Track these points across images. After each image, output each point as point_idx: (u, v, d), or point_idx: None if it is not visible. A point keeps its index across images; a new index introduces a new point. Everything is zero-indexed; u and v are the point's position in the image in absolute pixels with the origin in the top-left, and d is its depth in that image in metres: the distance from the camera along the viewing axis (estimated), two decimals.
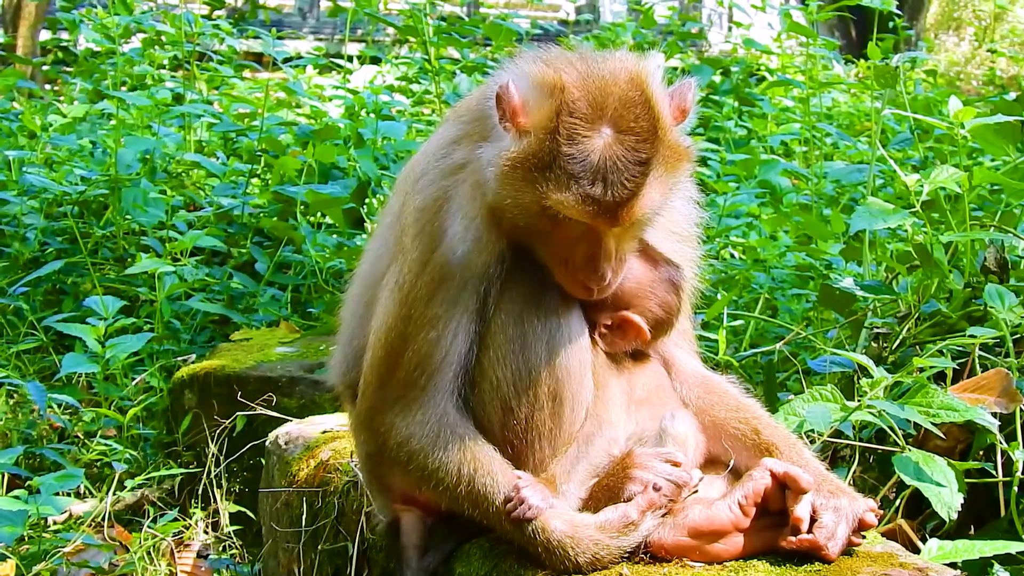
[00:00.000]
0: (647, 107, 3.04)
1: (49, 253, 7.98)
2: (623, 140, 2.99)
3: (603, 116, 3.01)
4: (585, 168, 2.97)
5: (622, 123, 3.01)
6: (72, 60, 14.18)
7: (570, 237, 3.11)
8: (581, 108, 3.01)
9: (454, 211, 3.23)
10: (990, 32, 25.58)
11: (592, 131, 2.99)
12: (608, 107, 3.01)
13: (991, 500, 3.74)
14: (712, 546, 3.07)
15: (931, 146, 7.93)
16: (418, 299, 3.21)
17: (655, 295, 3.38)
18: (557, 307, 3.20)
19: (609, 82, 3.06)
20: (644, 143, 3.01)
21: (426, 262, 3.22)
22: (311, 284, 7.54)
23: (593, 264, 3.11)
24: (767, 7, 12.48)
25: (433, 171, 3.32)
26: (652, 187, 3.03)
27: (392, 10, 13.60)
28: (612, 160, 2.97)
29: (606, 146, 2.98)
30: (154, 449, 6.08)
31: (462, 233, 3.21)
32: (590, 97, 3.02)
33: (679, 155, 3.11)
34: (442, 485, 3.21)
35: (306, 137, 8.62)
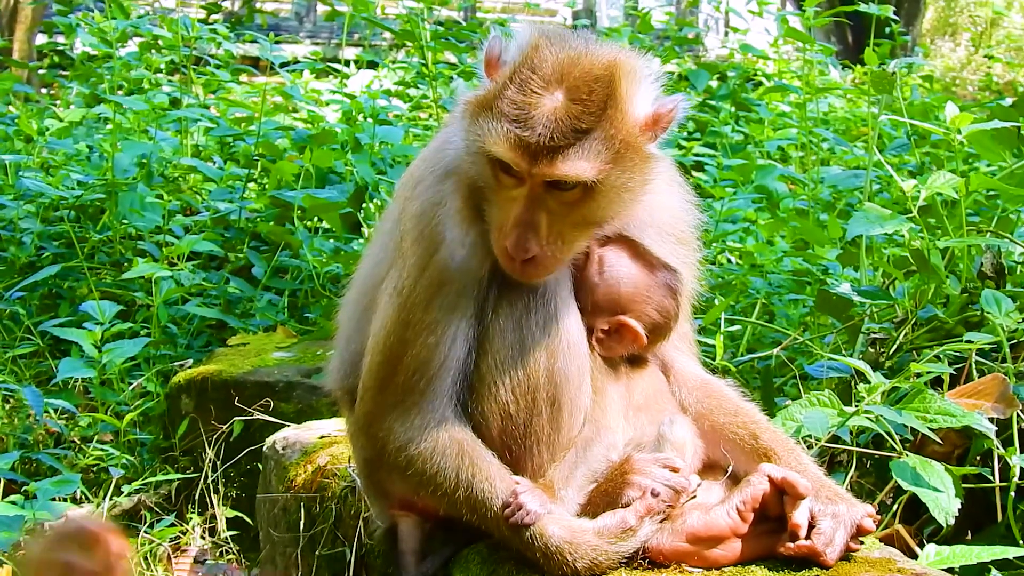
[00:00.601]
0: (608, 88, 3.05)
1: (45, 257, 7.97)
2: (570, 107, 3.01)
3: (562, 81, 3.03)
4: (522, 112, 3.00)
5: (576, 93, 3.02)
6: (68, 64, 14.17)
7: (506, 196, 3.12)
8: (544, 68, 3.04)
9: (451, 215, 3.24)
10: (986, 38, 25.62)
11: (545, 90, 3.02)
12: (571, 77, 3.04)
13: (988, 505, 3.74)
14: (710, 552, 3.08)
15: (928, 151, 7.94)
16: (417, 304, 3.21)
17: (652, 299, 3.37)
18: (556, 312, 3.20)
19: (583, 57, 3.08)
20: (589, 115, 3.02)
21: (424, 267, 3.22)
22: (308, 289, 7.54)
23: (517, 231, 3.09)
24: (764, 12, 12.49)
25: (429, 176, 3.33)
26: (582, 156, 3.01)
27: (389, 15, 13.60)
28: (550, 117, 2.99)
29: (551, 106, 3.01)
30: (151, 454, 6.07)
31: (461, 238, 3.22)
32: (558, 62, 3.05)
33: (634, 152, 3.10)
34: (440, 490, 3.21)
35: (303, 142, 8.62)
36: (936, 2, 28.08)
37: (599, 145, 3.02)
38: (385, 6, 13.55)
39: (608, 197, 3.13)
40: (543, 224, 3.11)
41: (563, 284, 3.26)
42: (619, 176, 3.09)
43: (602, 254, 3.36)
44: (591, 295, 3.33)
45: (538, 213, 3.10)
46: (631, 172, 3.11)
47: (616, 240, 3.39)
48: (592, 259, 3.34)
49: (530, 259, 3.12)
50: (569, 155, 3.00)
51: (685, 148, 10.30)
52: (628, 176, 3.11)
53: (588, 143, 3.01)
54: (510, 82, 3.05)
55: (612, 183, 3.09)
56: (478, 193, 3.21)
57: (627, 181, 3.12)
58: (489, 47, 3.17)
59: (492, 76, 3.14)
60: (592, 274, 3.34)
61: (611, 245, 3.38)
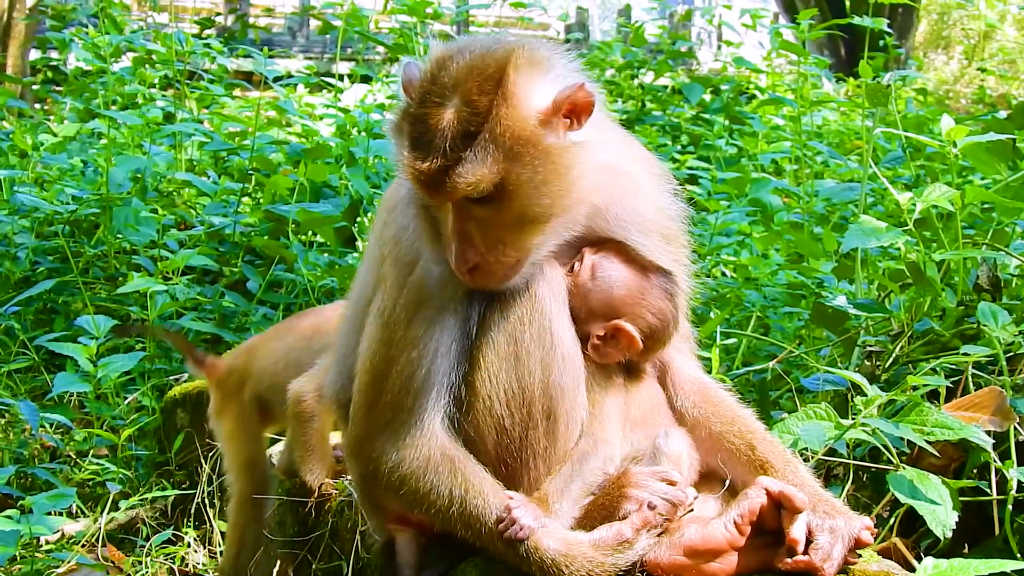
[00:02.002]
0: (497, 87, 3.01)
1: (40, 272, 7.97)
2: (460, 112, 2.99)
3: (457, 88, 3.02)
4: (419, 131, 3.01)
5: (467, 97, 3.00)
6: (62, 79, 14.19)
7: (444, 212, 3.13)
8: (443, 78, 3.04)
9: (421, 237, 3.25)
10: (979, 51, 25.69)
11: (442, 100, 3.02)
12: (466, 81, 3.02)
13: (985, 519, 3.73)
14: (708, 565, 3.07)
15: (922, 164, 7.96)
16: (398, 322, 3.22)
17: (648, 303, 3.36)
18: (550, 324, 3.19)
19: (480, 59, 3.06)
20: (477, 118, 2.99)
21: (402, 286, 3.23)
22: (303, 303, 7.53)
23: (454, 244, 3.10)
24: (757, 26, 12.53)
25: (401, 202, 3.35)
26: (473, 163, 2.98)
27: (383, 28, 13.62)
28: (442, 128, 2.99)
29: (444, 115, 3.00)
30: (147, 468, 6.06)
31: (436, 255, 3.22)
32: (457, 70, 3.04)
33: (532, 145, 3.04)
34: (434, 508, 3.21)
35: (297, 156, 8.63)
36: (929, 15, 28.17)
37: (488, 147, 2.99)
38: (379, 20, 13.58)
39: (525, 194, 3.07)
40: (475, 234, 3.10)
41: (557, 295, 3.24)
42: (523, 172, 3.04)
43: (594, 260, 3.35)
44: (585, 302, 3.32)
45: (466, 224, 3.09)
46: (536, 166, 3.05)
47: (607, 245, 3.38)
48: (584, 266, 3.34)
49: (475, 268, 3.11)
50: (462, 167, 2.98)
51: (679, 161, 10.32)
52: (535, 171, 3.05)
53: (477, 148, 2.98)
54: (411, 99, 3.07)
55: (520, 181, 3.04)
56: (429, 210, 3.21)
57: (536, 175, 3.05)
58: (404, 72, 3.15)
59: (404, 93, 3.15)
60: (584, 281, 3.33)
61: (602, 251, 3.37)
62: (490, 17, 20.86)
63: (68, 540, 5.30)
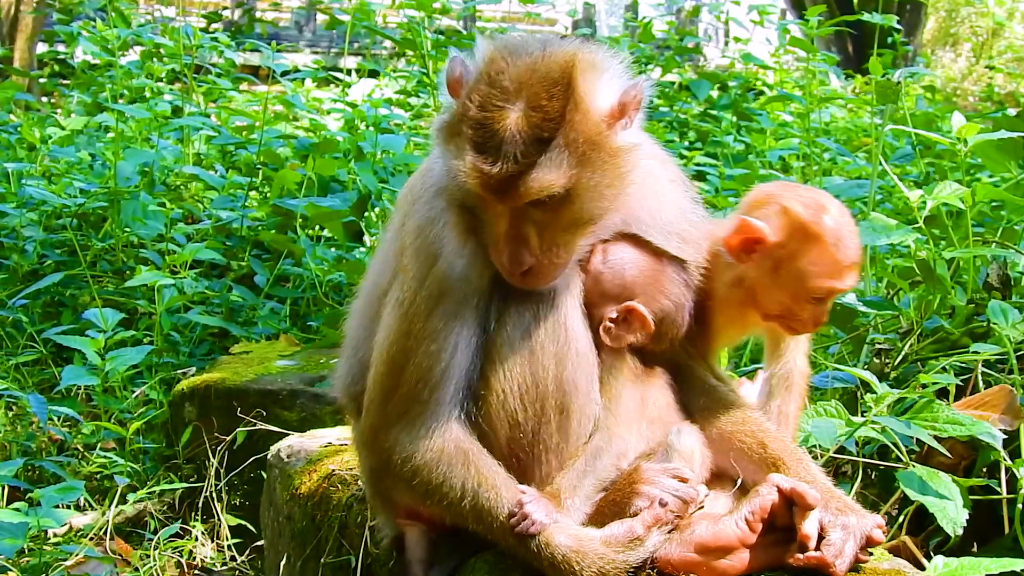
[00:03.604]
0: (565, 89, 3.01)
1: (48, 265, 7.99)
2: (529, 116, 2.97)
3: (520, 91, 3.00)
4: (483, 135, 2.98)
5: (535, 101, 2.98)
6: (69, 73, 14.20)
7: (494, 215, 3.11)
8: (503, 81, 3.01)
9: (450, 227, 3.24)
10: (987, 48, 25.64)
11: (505, 103, 2.99)
12: (528, 84, 3.00)
13: (995, 518, 3.73)
14: (719, 562, 3.07)
15: (931, 162, 7.95)
16: (418, 314, 3.21)
17: (660, 284, 3.34)
18: (565, 320, 3.20)
19: (537, 61, 3.05)
20: (549, 123, 2.98)
21: (424, 278, 3.22)
22: (311, 297, 7.54)
23: (509, 247, 3.09)
24: (765, 22, 12.51)
25: (428, 191, 3.33)
26: (549, 170, 2.98)
27: (390, 23, 13.61)
28: (512, 133, 2.96)
29: (511, 118, 2.97)
30: (154, 462, 6.06)
31: (459, 248, 3.21)
32: (515, 72, 3.02)
33: (602, 149, 3.06)
34: (446, 500, 3.21)
35: (305, 150, 8.64)
36: (937, 12, 28.12)
37: (563, 152, 2.99)
38: (386, 15, 13.58)
39: (589, 197, 3.09)
40: (532, 236, 3.10)
41: (572, 292, 3.25)
42: (592, 176, 3.06)
43: (606, 245, 3.35)
44: (597, 285, 3.31)
45: (524, 227, 3.09)
46: (604, 168, 3.07)
47: (621, 235, 3.38)
48: (596, 250, 3.33)
49: (528, 270, 3.12)
50: (535, 172, 2.98)
51: (687, 158, 10.30)
52: (602, 173, 3.08)
53: (552, 153, 2.98)
54: (470, 102, 3.03)
55: (588, 184, 3.06)
56: (469, 209, 3.20)
57: (603, 178, 3.09)
58: (449, 68, 3.13)
59: (457, 97, 3.11)
60: (596, 264, 3.32)
61: (617, 240, 3.37)
62: (497, 12, 20.87)
63: (76, 533, 5.30)
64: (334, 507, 4.28)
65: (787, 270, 3.32)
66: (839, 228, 3.32)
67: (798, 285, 3.33)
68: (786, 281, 3.34)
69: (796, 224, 3.30)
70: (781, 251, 3.32)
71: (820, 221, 3.30)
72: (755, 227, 3.32)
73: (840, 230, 3.31)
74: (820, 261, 3.30)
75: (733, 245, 3.37)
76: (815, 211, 3.32)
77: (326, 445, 4.68)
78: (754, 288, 3.40)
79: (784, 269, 3.33)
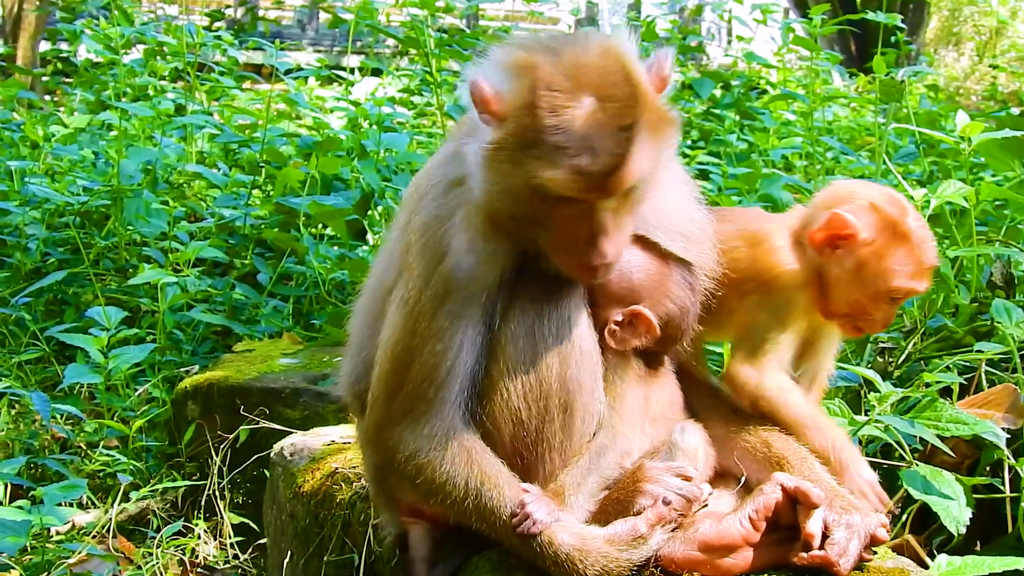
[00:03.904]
0: (625, 74, 2.99)
1: (51, 263, 7.98)
2: (606, 107, 2.93)
3: (582, 86, 2.95)
4: (571, 139, 2.91)
5: (602, 91, 2.95)
6: (72, 71, 14.19)
7: (567, 217, 3.04)
8: (558, 81, 2.95)
9: (457, 226, 3.22)
10: (990, 47, 25.62)
11: (573, 101, 2.93)
12: (585, 77, 2.96)
13: (998, 517, 3.73)
14: (723, 560, 3.07)
15: (935, 160, 7.94)
16: (423, 313, 3.21)
17: (666, 289, 3.34)
18: (569, 319, 3.19)
19: (582, 55, 3.02)
20: (628, 108, 2.95)
21: (429, 277, 3.21)
22: (313, 295, 7.54)
23: (593, 243, 3.05)
24: (768, 21, 12.50)
25: (435, 188, 3.31)
26: (640, 153, 2.97)
27: (393, 22, 13.62)
28: (597, 127, 2.92)
29: (589, 114, 2.92)
30: (157, 460, 6.06)
31: (466, 246, 3.20)
32: (565, 70, 2.97)
33: (664, 121, 3.07)
34: (450, 499, 3.21)
35: (308, 148, 8.63)
36: (940, 11, 28.10)
37: (645, 134, 2.97)
38: (389, 13, 13.57)
39: (650, 175, 3.10)
40: (611, 227, 3.07)
41: (576, 290, 3.24)
42: (660, 148, 3.08)
43: None
44: (603, 287, 3.31)
45: (607, 221, 3.05)
46: (664, 138, 3.09)
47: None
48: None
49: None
50: (631, 161, 2.95)
51: (689, 157, 10.30)
52: (665, 144, 3.11)
53: (639, 138, 2.95)
54: (536, 112, 2.94)
55: (657, 158, 3.08)
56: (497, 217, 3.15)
57: (663, 149, 3.11)
58: (476, 86, 3.01)
59: (498, 112, 3.02)
60: None
61: None
62: (500, 11, 20.88)
63: (78, 531, 5.30)
64: (337, 505, 4.28)
65: (871, 268, 3.32)
66: (923, 229, 3.35)
67: (879, 284, 3.33)
68: (867, 279, 3.33)
69: (887, 222, 3.30)
70: (867, 248, 3.32)
71: (907, 221, 3.32)
72: (848, 222, 3.31)
73: (923, 231, 3.35)
74: (905, 261, 3.31)
75: (818, 240, 3.36)
76: (901, 211, 3.33)
77: (329, 443, 4.68)
78: (830, 284, 3.39)
79: (868, 267, 3.33)
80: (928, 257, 3.33)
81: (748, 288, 3.46)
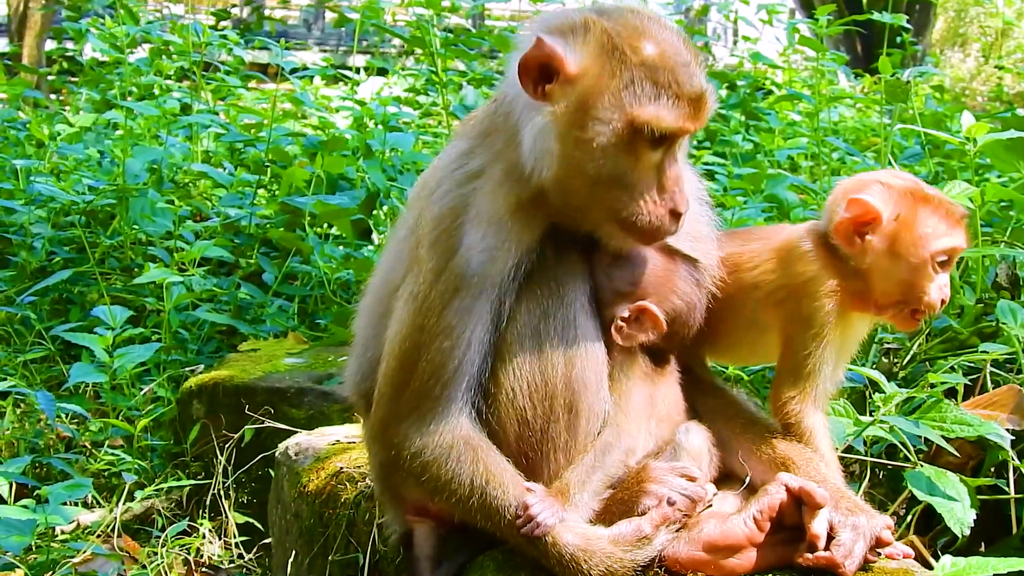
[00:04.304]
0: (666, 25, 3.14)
1: (56, 262, 7.99)
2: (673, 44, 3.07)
3: (643, 32, 3.07)
4: (661, 72, 3.03)
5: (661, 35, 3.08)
6: (77, 70, 14.22)
7: (649, 166, 3.10)
8: (623, 30, 3.06)
9: (471, 220, 3.22)
10: (996, 48, 25.58)
11: (646, 41, 3.05)
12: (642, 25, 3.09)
13: (1002, 518, 3.73)
14: (727, 561, 3.07)
15: (940, 161, 7.93)
16: (432, 309, 3.20)
17: (673, 285, 3.34)
18: (575, 318, 3.20)
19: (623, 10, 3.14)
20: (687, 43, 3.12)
21: (441, 271, 3.21)
22: (319, 295, 7.54)
23: (678, 185, 3.13)
24: (774, 21, 12.49)
25: (448, 182, 3.31)
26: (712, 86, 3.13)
27: (399, 21, 13.63)
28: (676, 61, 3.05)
29: (665, 51, 3.05)
30: (162, 459, 6.07)
31: (479, 242, 3.20)
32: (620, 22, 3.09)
33: None
34: (455, 497, 3.21)
35: (314, 148, 8.64)
36: (946, 12, 28.08)
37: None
38: (395, 13, 13.59)
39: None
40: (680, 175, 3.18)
41: (582, 288, 3.25)
42: None
43: None
44: (610, 283, 3.31)
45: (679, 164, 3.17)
46: None
47: None
48: (609, 248, 3.33)
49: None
50: (709, 87, 3.11)
51: (695, 157, 10.29)
52: None
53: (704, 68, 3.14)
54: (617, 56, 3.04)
55: None
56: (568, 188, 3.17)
57: None
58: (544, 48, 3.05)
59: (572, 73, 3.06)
60: (610, 262, 3.32)
61: None
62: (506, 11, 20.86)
63: (83, 530, 5.31)
64: (342, 505, 4.28)
65: (905, 240, 3.25)
66: (937, 191, 3.33)
67: (920, 253, 3.23)
68: (906, 253, 3.25)
69: (903, 193, 3.26)
70: (895, 224, 3.25)
71: (921, 186, 3.30)
72: (868, 203, 3.25)
73: (938, 192, 3.32)
74: (937, 221, 3.24)
75: (843, 230, 3.29)
76: (910, 180, 3.33)
77: (334, 443, 4.68)
78: (870, 275, 3.30)
79: (902, 241, 3.25)
80: (956, 210, 3.28)
81: (780, 297, 3.38)
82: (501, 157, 3.24)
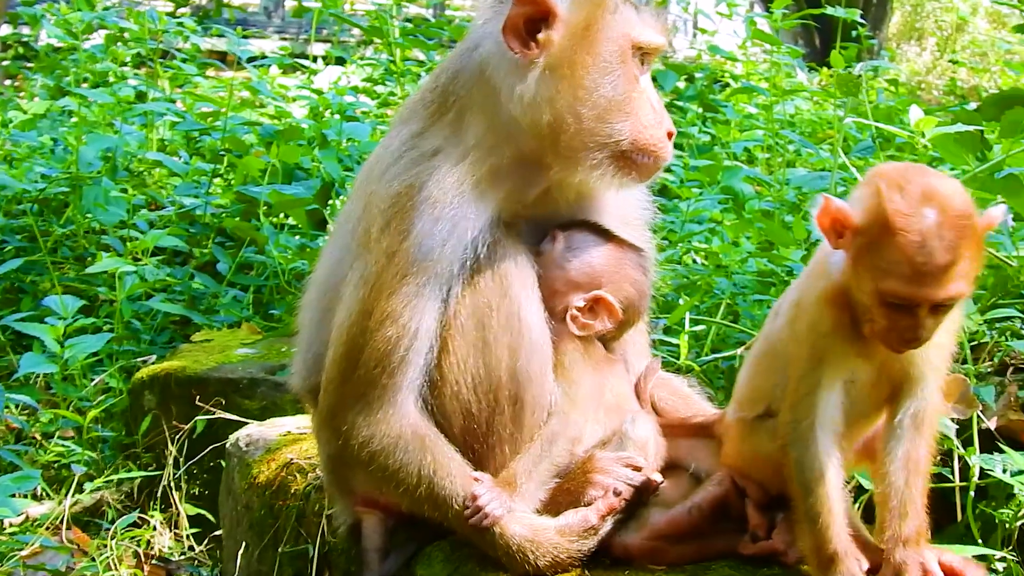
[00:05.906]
0: None
1: (8, 251, 7.90)
2: None
3: None
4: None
5: None
6: (32, 56, 14.05)
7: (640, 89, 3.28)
8: None
9: (423, 200, 3.19)
10: (951, 43, 25.81)
11: None
12: None
13: (947, 506, 3.76)
14: (673, 549, 3.11)
15: (892, 155, 7.98)
16: (381, 292, 3.18)
17: (625, 272, 3.37)
18: (519, 310, 3.20)
19: None
20: None
21: (393, 253, 3.19)
22: (273, 285, 7.50)
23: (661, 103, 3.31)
24: (733, 14, 12.53)
25: (403, 162, 3.29)
26: None
27: (358, 11, 13.57)
28: None
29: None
30: (113, 451, 6.02)
31: (431, 227, 3.18)
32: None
33: None
34: (403, 486, 3.22)
35: (270, 137, 8.57)
36: (903, 7, 28.28)
37: None
38: (354, 2, 13.52)
39: None
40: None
41: (526, 280, 3.24)
42: None
43: (568, 233, 3.36)
44: (563, 274, 3.32)
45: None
46: None
47: (577, 223, 3.40)
48: (557, 239, 3.34)
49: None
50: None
51: None
52: None
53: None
54: None
55: None
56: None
57: None
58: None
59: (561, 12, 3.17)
60: (560, 253, 3.33)
61: (574, 227, 3.38)
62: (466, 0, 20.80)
63: (32, 523, 5.26)
64: (292, 496, 4.27)
65: (864, 263, 2.78)
66: (932, 225, 2.67)
67: (872, 284, 2.76)
68: (862, 275, 2.79)
69: (879, 211, 2.72)
70: (861, 239, 2.77)
71: (908, 212, 2.70)
72: (834, 207, 2.82)
73: (932, 227, 2.67)
74: (894, 259, 2.70)
75: (822, 225, 2.87)
76: (912, 199, 2.72)
77: (285, 434, 4.67)
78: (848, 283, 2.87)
79: (862, 262, 2.79)
80: (929, 258, 2.67)
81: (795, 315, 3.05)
82: (464, 132, 3.25)
